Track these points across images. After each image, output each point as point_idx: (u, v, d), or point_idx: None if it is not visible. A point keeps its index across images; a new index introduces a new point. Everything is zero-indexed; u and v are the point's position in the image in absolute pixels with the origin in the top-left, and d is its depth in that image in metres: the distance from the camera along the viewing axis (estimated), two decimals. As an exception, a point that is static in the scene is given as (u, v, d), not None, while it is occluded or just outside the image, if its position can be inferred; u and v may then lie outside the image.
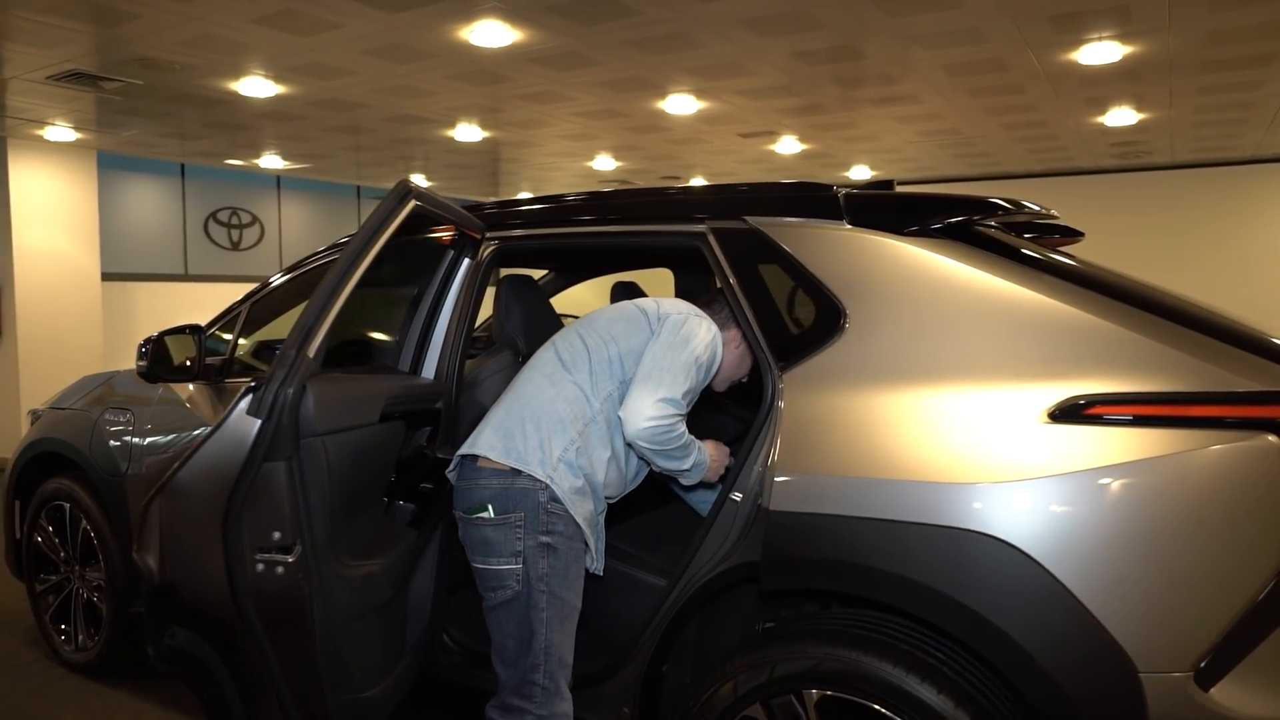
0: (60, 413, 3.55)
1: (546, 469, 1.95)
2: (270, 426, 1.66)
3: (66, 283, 7.87)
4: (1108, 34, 4.63)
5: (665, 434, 1.95)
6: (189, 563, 1.74)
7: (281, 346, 1.72)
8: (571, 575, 1.98)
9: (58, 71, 5.39)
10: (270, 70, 5.38)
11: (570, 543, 1.98)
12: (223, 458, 1.68)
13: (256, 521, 1.69)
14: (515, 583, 1.92)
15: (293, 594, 1.69)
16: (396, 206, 1.81)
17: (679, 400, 1.98)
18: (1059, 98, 6.06)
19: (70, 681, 3.34)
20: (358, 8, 4.24)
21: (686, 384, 2.00)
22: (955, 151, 8.32)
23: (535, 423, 2.00)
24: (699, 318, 2.12)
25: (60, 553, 3.46)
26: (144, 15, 4.35)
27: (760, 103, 6.34)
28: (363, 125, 7.07)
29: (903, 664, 1.72)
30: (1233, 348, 1.67)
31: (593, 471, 2.03)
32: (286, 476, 1.67)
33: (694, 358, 2.03)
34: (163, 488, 1.77)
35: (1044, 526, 1.60)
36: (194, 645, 1.78)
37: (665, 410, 1.95)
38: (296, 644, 1.74)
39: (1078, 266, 1.94)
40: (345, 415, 1.84)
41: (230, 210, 9.96)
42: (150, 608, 1.79)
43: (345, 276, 1.73)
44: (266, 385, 1.67)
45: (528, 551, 1.92)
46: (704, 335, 2.08)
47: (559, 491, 1.95)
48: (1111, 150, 8.17)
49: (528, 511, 1.93)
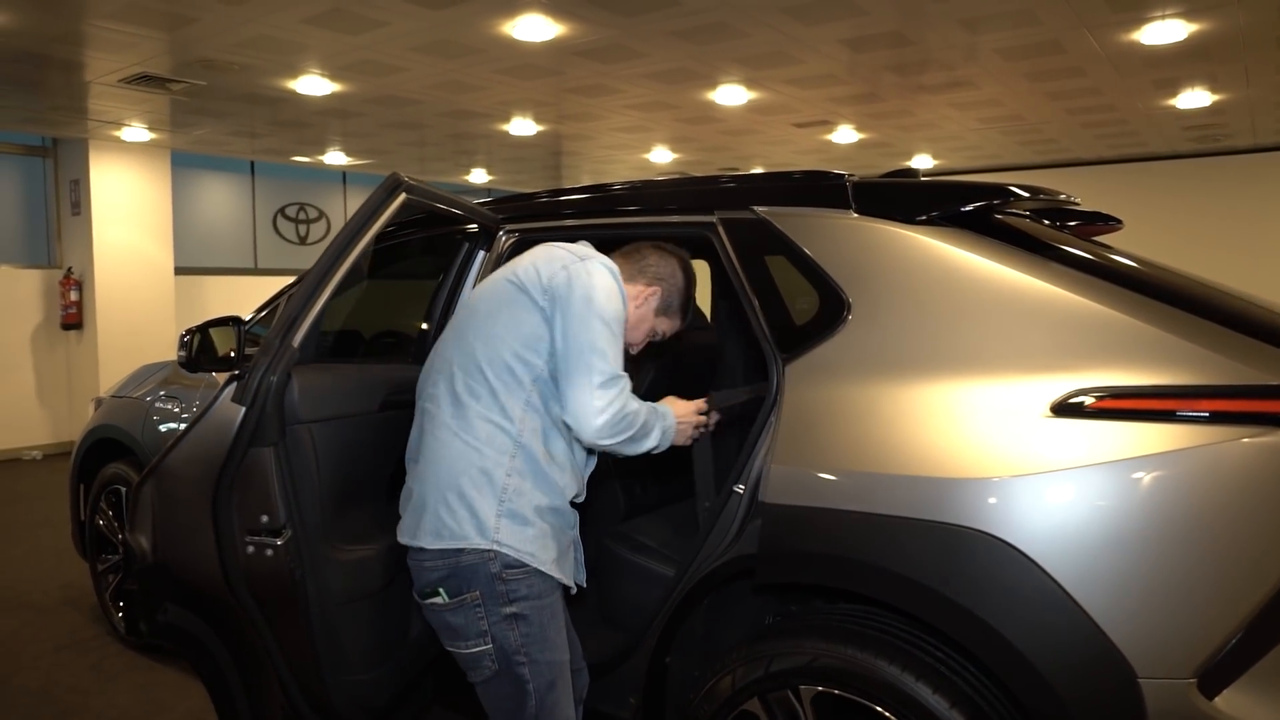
0: (119, 400, 3.73)
1: (488, 536, 1.73)
2: (255, 413, 1.71)
3: (142, 277, 8.23)
4: (1171, 11, 4.43)
5: (622, 419, 1.77)
6: (181, 543, 1.81)
7: (266, 335, 1.77)
8: (550, 633, 1.81)
9: (128, 75, 5.64)
10: (325, 68, 5.52)
11: (540, 601, 1.79)
12: (210, 443, 1.74)
13: (245, 505, 1.75)
14: (491, 663, 1.76)
15: (284, 575, 1.74)
16: (386, 199, 1.84)
17: (617, 372, 1.79)
18: (1124, 80, 5.81)
19: (126, 658, 3.51)
20: (402, 5, 4.32)
21: (615, 347, 1.80)
22: (1020, 139, 8.06)
23: (456, 490, 1.75)
24: (580, 264, 1.86)
25: (119, 534, 3.62)
26: (201, 19, 4.51)
27: (811, 91, 6.24)
28: (420, 121, 7.20)
29: (899, 662, 1.69)
30: (1251, 339, 1.59)
31: (543, 499, 1.80)
32: (273, 462, 1.72)
33: (607, 314, 1.81)
34: (153, 470, 1.84)
35: (1041, 524, 1.55)
36: (187, 621, 1.86)
37: (610, 393, 1.75)
38: (292, 623, 1.80)
39: (1093, 256, 1.87)
40: (334, 404, 1.88)
41: (298, 205, 10.27)
42: (143, 585, 1.87)
43: (331, 268, 1.77)
44: (250, 373, 1.73)
45: (495, 630, 1.75)
46: (600, 281, 1.84)
47: (511, 554, 1.74)
48: (1187, 134, 7.81)
49: (483, 588, 1.74)
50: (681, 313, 2.10)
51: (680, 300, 2.08)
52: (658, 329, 2.08)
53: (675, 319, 2.09)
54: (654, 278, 2.04)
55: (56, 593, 4.33)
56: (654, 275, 2.04)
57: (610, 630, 2.43)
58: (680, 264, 2.09)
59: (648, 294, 2.02)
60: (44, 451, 8.07)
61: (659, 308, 2.04)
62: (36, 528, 5.56)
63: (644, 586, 2.37)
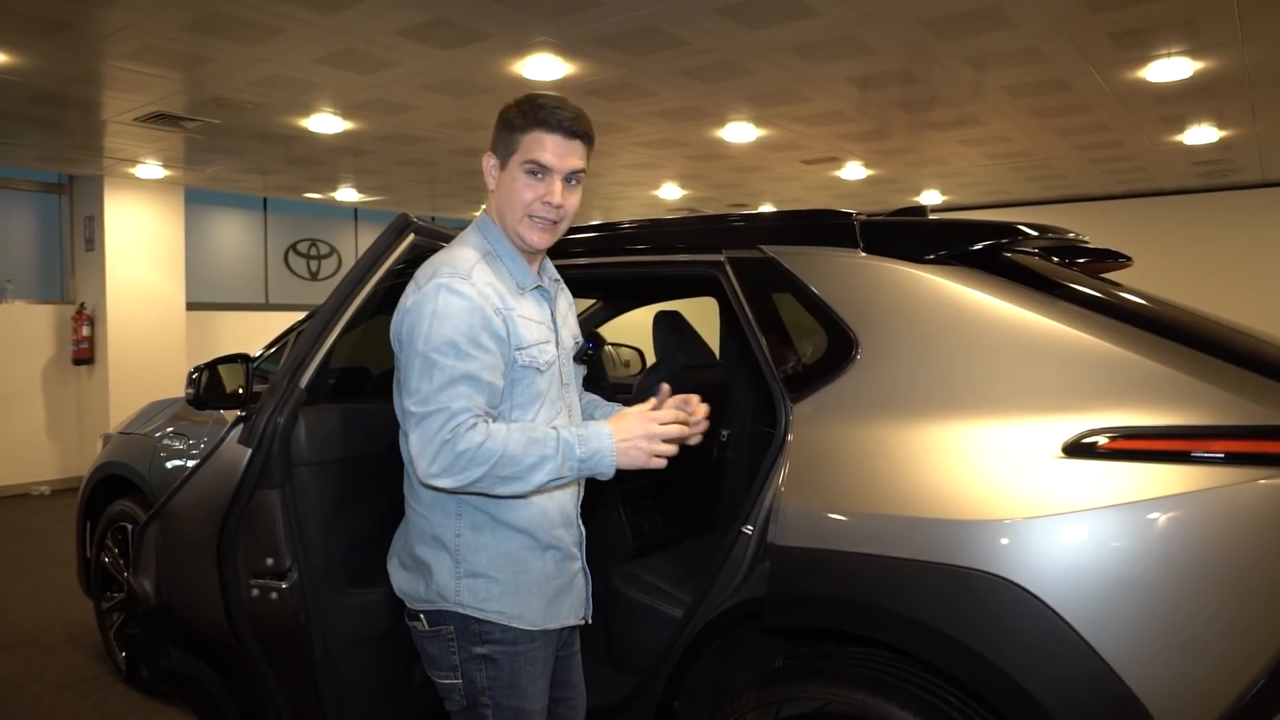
0: (126, 437, 3.73)
1: (450, 600, 1.66)
2: (261, 455, 1.70)
3: (154, 312, 8.28)
4: (1176, 50, 4.45)
5: (455, 458, 1.50)
6: (185, 587, 1.79)
7: (273, 376, 1.76)
8: (522, 681, 1.71)
9: (144, 114, 5.72)
10: (336, 107, 5.59)
11: (514, 648, 1.69)
12: (215, 485, 1.73)
13: (250, 548, 1.73)
14: (460, 697, 1.71)
15: (289, 619, 1.72)
16: (394, 240, 1.84)
17: (432, 408, 1.52)
18: (1131, 116, 5.84)
19: (129, 698, 3.47)
20: (413, 46, 4.38)
21: (436, 374, 1.53)
22: (1028, 174, 8.08)
23: (413, 556, 1.69)
24: (414, 296, 1.61)
25: (124, 572, 3.60)
26: (216, 59, 4.58)
27: (819, 129, 6.28)
28: (430, 158, 7.27)
29: (911, 707, 1.66)
30: (1264, 378, 1.57)
31: (509, 547, 1.67)
32: (279, 504, 1.70)
33: (429, 344, 1.55)
34: (157, 513, 1.83)
35: (1055, 567, 1.52)
36: (190, 666, 1.83)
37: (425, 431, 1.52)
38: (296, 668, 1.77)
39: (1104, 294, 1.86)
40: (341, 445, 1.87)
41: (310, 242, 10.35)
42: (146, 630, 1.84)
43: (340, 309, 1.77)
44: (258, 414, 1.72)
45: (464, 666, 1.69)
46: (424, 309, 1.57)
47: (478, 614, 1.66)
48: (1195, 170, 7.82)
49: (456, 624, 1.68)
50: (524, 127, 1.67)
51: (507, 125, 1.69)
52: (526, 159, 1.67)
53: (530, 143, 1.66)
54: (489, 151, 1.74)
55: (60, 630, 4.30)
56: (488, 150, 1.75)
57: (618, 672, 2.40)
58: (501, 115, 1.73)
59: (489, 166, 1.73)
60: (53, 487, 8.07)
61: (502, 156, 1.70)
62: (44, 564, 5.55)
63: (652, 628, 2.33)
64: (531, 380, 1.68)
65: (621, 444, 1.58)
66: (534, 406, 1.70)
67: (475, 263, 1.66)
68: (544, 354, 1.71)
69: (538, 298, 1.77)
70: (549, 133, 1.66)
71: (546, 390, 1.73)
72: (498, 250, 1.73)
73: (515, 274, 1.73)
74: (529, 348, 1.68)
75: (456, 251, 1.69)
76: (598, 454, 1.57)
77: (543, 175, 1.68)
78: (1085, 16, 3.94)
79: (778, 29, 4.15)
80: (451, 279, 1.59)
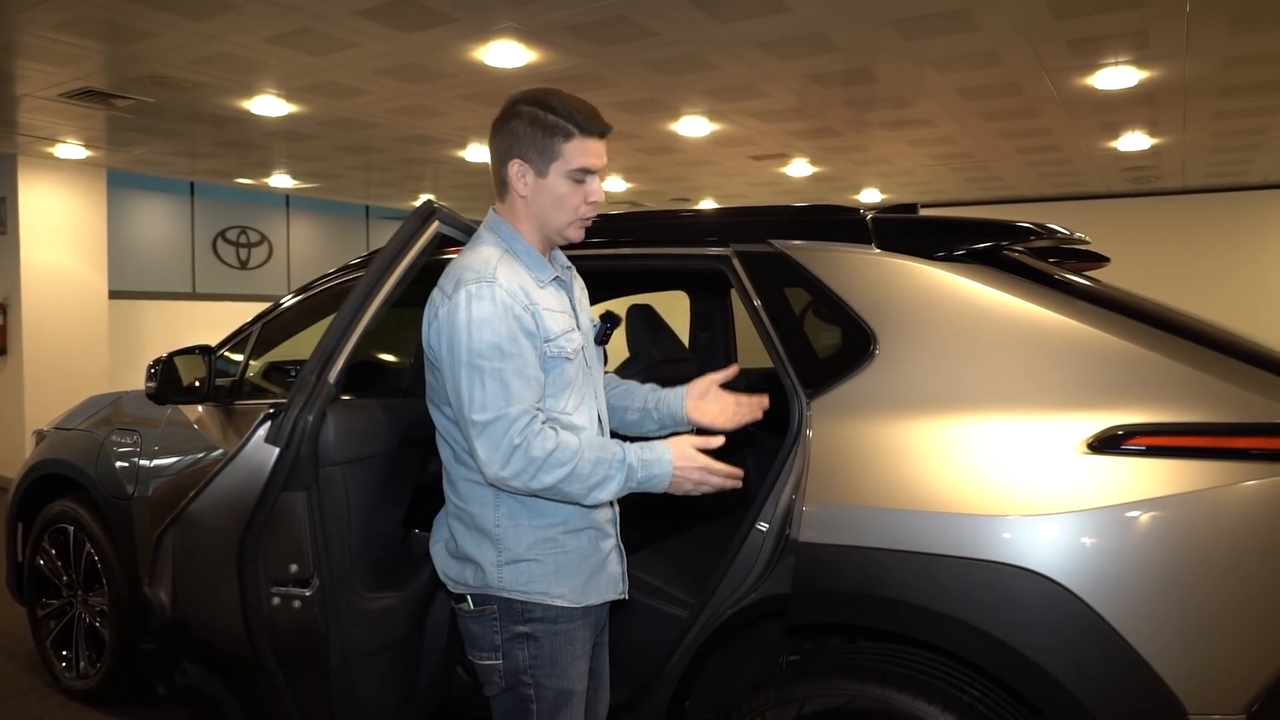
0: (66, 433, 3.50)
1: (493, 585, 1.70)
2: (290, 455, 1.60)
3: (73, 300, 7.85)
4: (1125, 59, 4.61)
5: (529, 463, 1.56)
6: (202, 596, 1.68)
7: (301, 371, 1.67)
8: (563, 660, 1.74)
9: (70, 89, 5.39)
10: (283, 89, 5.38)
11: (555, 626, 1.72)
12: (239, 488, 1.62)
13: (273, 553, 1.63)
14: (499, 679, 1.73)
15: (309, 629, 1.63)
16: (420, 227, 1.76)
17: (498, 413, 1.57)
18: (1073, 122, 6.03)
19: (70, 710, 3.27)
20: (374, 28, 4.24)
21: (491, 382, 1.57)
22: (967, 175, 8.29)
23: (455, 546, 1.74)
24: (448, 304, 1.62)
25: (63, 577, 3.40)
26: (159, 34, 4.34)
27: (773, 125, 6.32)
28: (374, 145, 7.07)
29: (938, 702, 1.66)
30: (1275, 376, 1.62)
31: (546, 530, 1.71)
32: (305, 507, 1.61)
33: (473, 352, 1.57)
34: (176, 519, 1.71)
35: (1086, 561, 1.54)
36: (206, 683, 1.72)
37: (491, 438, 1.57)
38: (311, 681, 1.68)
39: (1113, 292, 1.89)
40: (365, 443, 1.78)
41: (239, 229, 9.97)
42: (162, 643, 1.72)
43: (367, 300, 1.68)
44: (286, 412, 1.62)
45: (505, 645, 1.72)
46: (461, 318, 1.59)
47: (521, 598, 1.69)
48: (1124, 175, 8.14)
49: (500, 604, 1.72)
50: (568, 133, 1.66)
51: (544, 132, 1.66)
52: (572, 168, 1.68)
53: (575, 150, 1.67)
54: (506, 154, 1.69)
55: (-16, 640, 4.03)
56: (505, 152, 1.69)
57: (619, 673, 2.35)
58: (509, 110, 1.71)
59: (517, 171, 1.69)
60: (-40, 485, 7.59)
61: (538, 164, 1.68)
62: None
63: (652, 627, 2.29)
64: (562, 369, 1.71)
65: (677, 473, 1.67)
66: (565, 394, 1.73)
67: (497, 263, 1.67)
68: (571, 342, 1.73)
69: (556, 288, 1.79)
70: (591, 138, 1.69)
71: (575, 377, 1.75)
72: (514, 248, 1.74)
73: (533, 269, 1.74)
74: (557, 338, 1.70)
75: (476, 254, 1.70)
76: (655, 479, 1.66)
77: (585, 178, 1.71)
78: (1048, 22, 4.05)
79: (749, 23, 4.14)
80: (479, 284, 1.62)
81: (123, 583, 3.09)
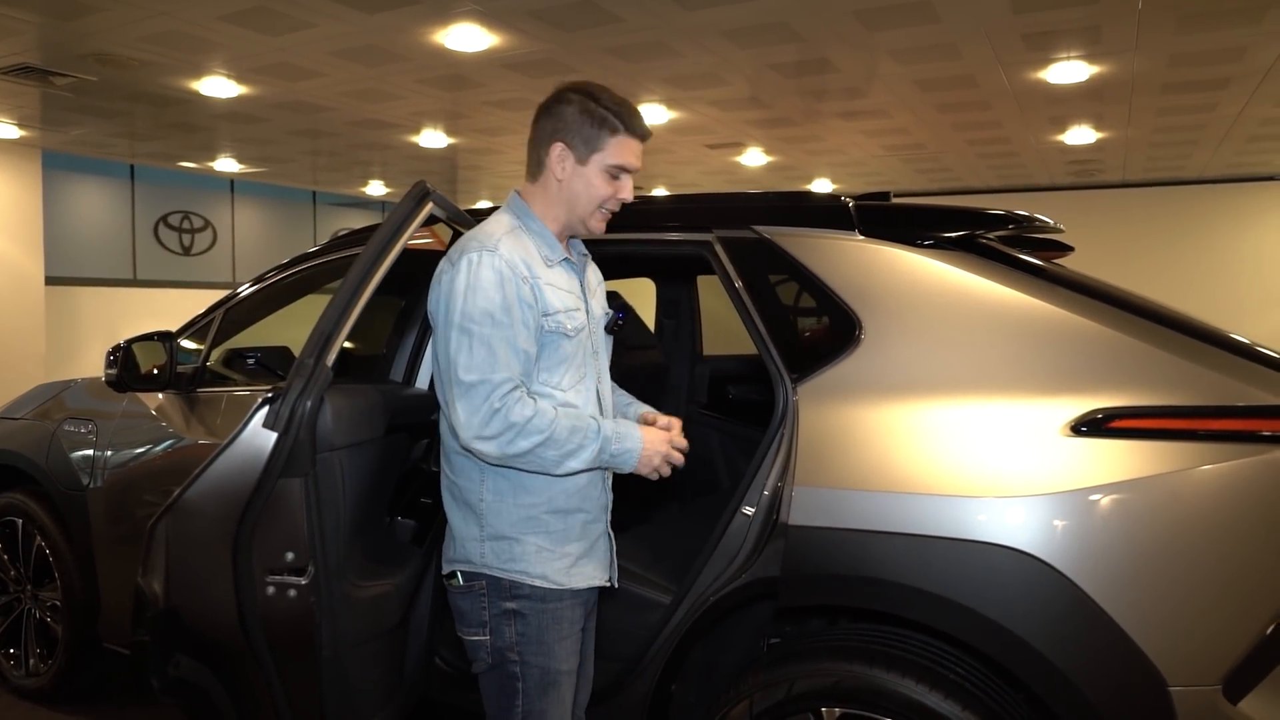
0: (12, 423, 3.37)
1: (476, 562, 1.71)
2: (288, 440, 1.57)
3: (7, 286, 7.56)
4: (1077, 53, 4.73)
5: (507, 428, 1.58)
6: (196, 587, 1.64)
7: (299, 355, 1.63)
8: (550, 639, 1.74)
9: (6, 65, 5.17)
10: (234, 70, 5.23)
11: (543, 604, 1.73)
12: (235, 475, 1.58)
13: (269, 542, 1.59)
14: (486, 655, 1.73)
15: (303, 618, 1.59)
16: (414, 209, 1.73)
17: (480, 378, 1.59)
18: (1023, 115, 6.17)
19: (19, 710, 3.15)
20: (333, 7, 4.14)
21: (479, 349, 1.59)
22: (918, 166, 8.44)
23: (447, 520, 1.76)
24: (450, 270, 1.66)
25: (10, 571, 3.27)
26: (107, 9, 4.18)
27: (730, 114, 6.34)
28: (325, 129, 6.92)
29: (926, 680, 1.69)
30: (1248, 361, 1.69)
31: (531, 509, 1.71)
32: (303, 493, 1.58)
33: (467, 316, 1.60)
34: (170, 508, 1.66)
35: (1071, 540, 1.59)
36: (198, 675, 1.68)
37: (476, 398, 1.58)
38: (302, 672, 1.65)
39: (1088, 280, 1.94)
40: (361, 428, 1.76)
41: (182, 214, 9.67)
42: (155, 636, 1.67)
43: (363, 282, 1.66)
44: (284, 397, 1.58)
45: (493, 621, 1.72)
46: (460, 283, 1.62)
47: (502, 575, 1.71)
48: (1067, 168, 8.37)
49: (489, 581, 1.72)
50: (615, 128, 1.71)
51: (592, 122, 1.70)
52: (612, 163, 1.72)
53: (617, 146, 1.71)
54: (550, 135, 1.72)
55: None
56: (550, 134, 1.72)
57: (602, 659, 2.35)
58: (559, 95, 1.74)
59: (558, 154, 1.71)
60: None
61: (581, 152, 1.71)
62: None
63: (634, 613, 2.30)
64: (558, 345, 1.72)
65: (646, 451, 1.71)
66: (561, 369, 1.74)
67: (502, 236, 1.70)
68: (572, 320, 1.74)
69: (566, 269, 1.80)
70: (634, 138, 1.75)
71: (573, 355, 1.76)
72: (527, 224, 1.77)
73: (544, 247, 1.77)
74: (555, 314, 1.71)
75: (485, 227, 1.74)
76: (627, 453, 1.70)
77: (621, 176, 1.76)
78: (1006, 16, 4.13)
79: (713, 11, 4.15)
80: (480, 252, 1.65)
81: (77, 577, 2.99)
